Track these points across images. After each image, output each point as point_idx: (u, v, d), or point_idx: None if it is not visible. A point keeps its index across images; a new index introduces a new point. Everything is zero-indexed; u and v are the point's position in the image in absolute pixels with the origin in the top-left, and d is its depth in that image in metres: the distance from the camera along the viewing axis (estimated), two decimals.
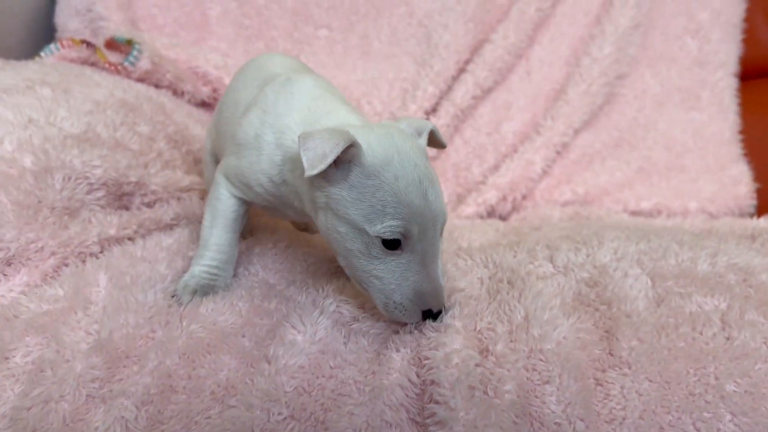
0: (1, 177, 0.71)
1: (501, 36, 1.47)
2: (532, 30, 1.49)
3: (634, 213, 1.41)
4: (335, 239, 0.64)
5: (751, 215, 1.39)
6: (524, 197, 1.46)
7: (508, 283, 0.74)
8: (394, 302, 0.62)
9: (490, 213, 1.44)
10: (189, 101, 1.31)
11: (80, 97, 0.93)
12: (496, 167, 1.47)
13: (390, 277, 0.62)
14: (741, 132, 1.47)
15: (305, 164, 0.58)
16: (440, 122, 1.45)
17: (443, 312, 0.65)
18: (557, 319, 0.66)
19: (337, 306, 0.68)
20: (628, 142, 1.48)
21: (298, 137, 0.60)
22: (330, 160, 0.57)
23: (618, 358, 0.62)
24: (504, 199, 1.43)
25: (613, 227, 0.97)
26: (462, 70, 1.48)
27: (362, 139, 0.61)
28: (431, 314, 0.64)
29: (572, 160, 1.47)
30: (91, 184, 0.81)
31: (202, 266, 0.73)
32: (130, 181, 0.87)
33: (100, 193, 0.83)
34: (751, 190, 1.40)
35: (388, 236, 0.60)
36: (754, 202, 1.40)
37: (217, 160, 0.93)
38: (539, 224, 1.27)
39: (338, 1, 1.54)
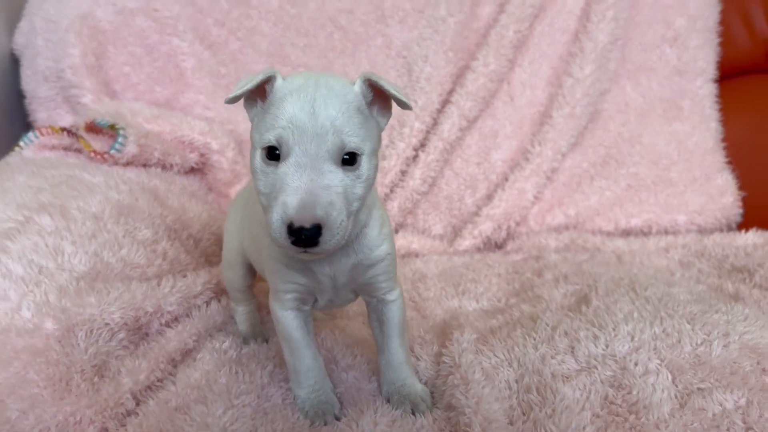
0: (28, 353, 0.70)
1: (482, 63, 1.46)
2: (512, 53, 1.48)
3: (626, 231, 1.45)
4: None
5: (737, 224, 1.44)
6: (518, 224, 1.48)
7: (537, 392, 0.76)
8: (269, 220, 0.61)
9: (486, 243, 1.46)
10: (178, 172, 1.28)
11: (80, 218, 0.92)
12: (488, 197, 1.48)
13: (269, 190, 0.62)
14: (723, 140, 1.50)
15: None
16: (430, 157, 1.45)
17: (321, 235, 0.59)
18: None
19: None
20: (614, 158, 1.50)
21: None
22: (248, 86, 0.63)
23: None
24: (499, 228, 1.45)
25: (621, 290, 0.99)
26: (446, 102, 1.48)
27: (288, 78, 0.66)
28: (299, 235, 0.59)
29: (562, 183, 1.49)
30: (111, 329, 0.81)
31: (304, 388, 0.76)
32: (148, 311, 0.87)
33: (121, 335, 0.82)
34: (736, 199, 1.45)
35: (265, 143, 0.62)
36: (741, 210, 1.44)
37: (244, 263, 0.94)
38: (537, 258, 1.30)
39: (313, 38, 1.50)
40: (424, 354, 0.89)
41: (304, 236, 0.59)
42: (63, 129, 1.17)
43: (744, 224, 1.42)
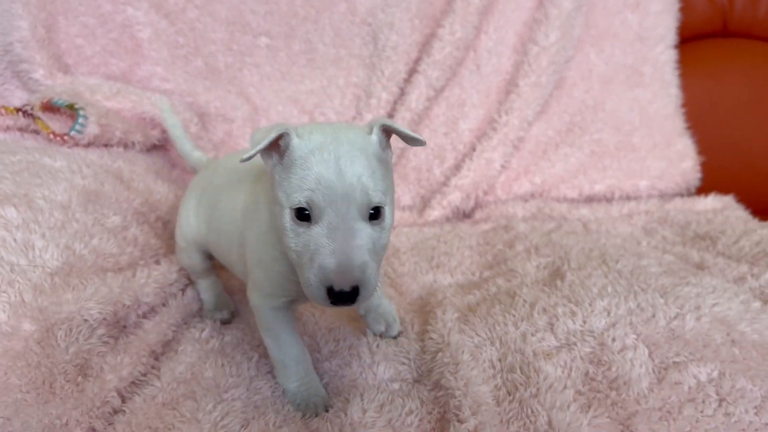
0: (7, 357, 0.68)
1: (448, 31, 1.44)
2: (477, 20, 1.46)
3: (589, 198, 1.48)
4: (274, 221, 0.68)
5: (697, 189, 1.48)
6: (485, 193, 1.49)
7: (521, 371, 0.78)
8: (306, 279, 0.62)
9: (455, 212, 1.47)
10: (140, 150, 1.24)
11: (47, 209, 0.88)
12: (456, 167, 1.49)
13: (303, 250, 0.63)
14: (683, 105, 1.53)
15: (250, 145, 0.64)
16: None
17: (359, 294, 0.60)
18: (578, 419, 0.71)
19: None
20: (578, 125, 1.52)
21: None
22: (261, 146, 0.62)
23: None
24: (467, 197, 1.46)
25: (594, 263, 1.02)
26: (413, 71, 1.46)
27: (301, 131, 0.65)
28: (339, 297, 0.60)
29: (528, 151, 1.50)
30: (90, 325, 0.78)
31: (293, 382, 0.77)
32: (125, 304, 0.84)
33: (101, 331, 0.80)
34: (696, 163, 1.49)
35: (295, 204, 0.62)
36: (700, 175, 1.49)
37: (201, 250, 0.94)
38: (506, 228, 1.31)
39: (275, 5, 1.45)
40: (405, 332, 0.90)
41: (344, 297, 0.60)
42: (18, 109, 1.11)
43: (703, 189, 1.47)
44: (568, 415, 0.71)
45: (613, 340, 0.81)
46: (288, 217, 0.63)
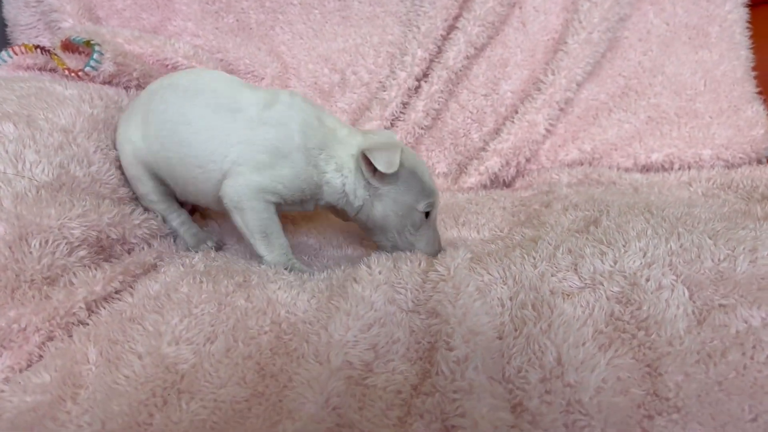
0: None
1: None
2: None
3: (645, 167, 1.34)
4: (391, 219, 0.88)
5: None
6: (528, 160, 1.38)
7: (533, 308, 0.68)
8: (413, 245, 0.89)
9: (493, 180, 1.37)
10: None
11: (47, 129, 0.84)
12: (496, 131, 1.38)
13: (423, 238, 0.89)
14: (754, 68, 1.37)
15: (383, 167, 0.81)
16: (434, 88, 1.35)
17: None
18: (593, 358, 0.60)
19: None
20: (634, 90, 1.38)
21: (365, 152, 0.83)
22: (398, 162, 0.82)
23: (665, 401, 0.56)
24: (507, 164, 1.35)
25: (635, 211, 0.89)
26: (452, 28, 1.37)
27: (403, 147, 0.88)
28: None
29: (577, 116, 1.38)
30: (70, 244, 0.73)
31: (279, 256, 0.86)
32: (110, 237, 0.79)
33: (82, 252, 0.75)
34: (767, 131, 1.32)
35: (428, 209, 0.88)
36: None
37: (152, 173, 0.91)
38: (548, 193, 1.20)
39: None
40: (406, 267, 0.80)
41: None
42: (37, 47, 1.09)
43: None
44: (581, 351, 0.60)
45: (647, 280, 0.69)
46: (418, 217, 0.88)
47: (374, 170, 0.85)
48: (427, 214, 0.88)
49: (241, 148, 0.83)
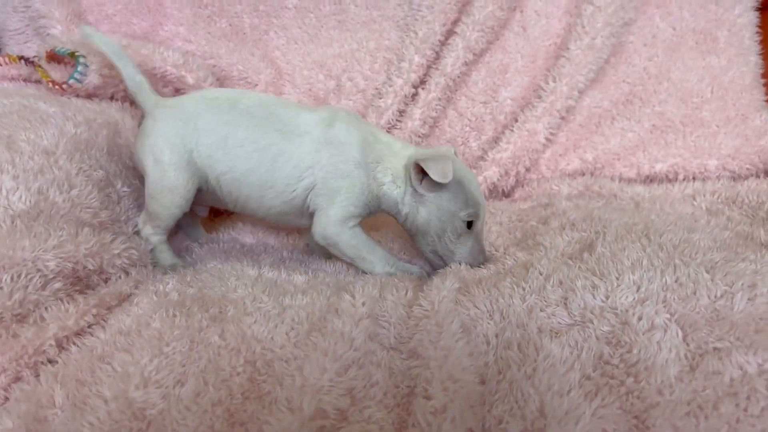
0: None
1: None
2: None
3: (649, 178, 1.30)
4: (433, 224, 0.91)
5: None
6: (528, 170, 1.34)
7: (518, 348, 0.65)
8: (463, 255, 0.91)
9: (492, 190, 1.33)
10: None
11: (27, 151, 0.82)
12: (495, 140, 1.35)
13: (464, 247, 0.91)
14: (763, 75, 1.33)
15: (437, 177, 0.84)
16: (431, 96, 1.32)
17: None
18: (578, 408, 0.57)
19: None
20: (639, 97, 1.34)
21: (417, 162, 0.87)
22: (452, 172, 0.86)
23: None
24: (506, 174, 1.32)
25: (632, 236, 0.86)
26: (450, 33, 1.33)
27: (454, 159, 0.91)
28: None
29: (579, 124, 1.34)
30: (45, 276, 0.71)
31: (386, 266, 0.93)
32: (88, 268, 0.77)
33: (57, 285, 0.73)
34: None
35: (470, 218, 0.90)
36: None
37: (196, 181, 0.92)
38: (546, 206, 1.16)
39: None
40: (391, 297, 0.77)
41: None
42: (20, 58, 1.07)
43: None
44: (566, 401, 0.57)
45: (639, 318, 0.66)
46: (461, 225, 0.90)
47: (422, 179, 0.90)
48: (470, 225, 0.91)
49: (313, 172, 0.90)
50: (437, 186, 0.89)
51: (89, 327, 0.72)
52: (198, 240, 1.10)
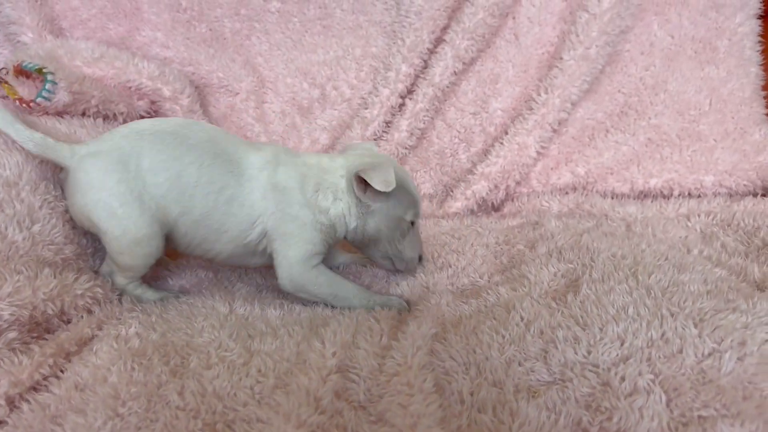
0: None
1: None
2: None
3: (643, 193, 1.26)
4: (383, 232, 0.91)
5: None
6: (518, 183, 1.30)
7: (493, 412, 0.61)
8: (411, 260, 0.94)
9: (481, 205, 1.29)
10: (124, 122, 1.13)
11: None
12: (485, 152, 1.30)
13: (409, 245, 0.93)
14: (764, 87, 1.28)
15: (382, 187, 0.83)
16: (418, 107, 1.27)
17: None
18: None
19: None
20: (634, 108, 1.29)
21: (358, 174, 0.86)
22: (394, 179, 0.85)
23: None
24: (496, 188, 1.28)
25: (620, 274, 0.82)
26: (439, 40, 1.28)
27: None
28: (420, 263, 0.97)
29: (571, 136, 1.30)
30: None
31: (360, 299, 0.90)
32: (47, 312, 0.73)
33: (11, 334, 0.69)
34: None
35: (415, 218, 0.92)
36: None
37: (163, 232, 0.85)
38: (535, 225, 1.12)
39: None
40: (365, 344, 0.74)
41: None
42: None
43: None
44: None
45: (622, 379, 0.63)
46: (407, 226, 0.92)
47: (365, 189, 0.88)
48: (412, 223, 0.92)
49: (264, 220, 0.87)
50: (382, 194, 0.87)
51: (45, 379, 0.68)
52: (167, 266, 1.04)
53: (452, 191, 1.30)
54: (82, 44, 1.17)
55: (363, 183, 0.87)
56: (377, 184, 0.83)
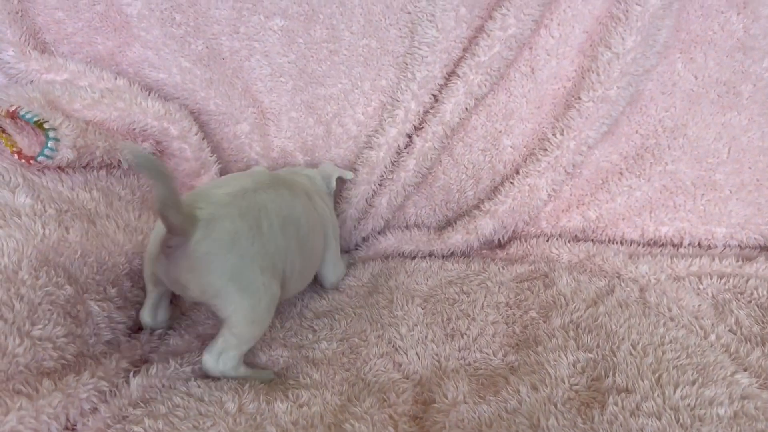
0: None
1: (499, 26, 1.16)
2: (538, 12, 1.18)
3: (652, 241, 1.24)
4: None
5: None
6: (526, 223, 1.26)
7: None
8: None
9: (483, 242, 1.26)
10: (129, 167, 1.04)
11: None
12: (493, 190, 1.25)
13: None
14: None
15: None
16: (427, 145, 1.20)
17: None
18: None
19: None
20: (651, 152, 1.24)
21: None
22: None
23: None
24: (503, 227, 1.24)
25: (645, 382, 0.80)
26: (452, 74, 1.20)
27: None
28: None
29: (585, 178, 1.25)
30: None
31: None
32: (51, 427, 0.68)
33: None
34: None
35: None
36: None
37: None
38: (545, 277, 1.10)
39: None
40: None
41: None
42: None
43: None
44: None
45: None
46: None
47: None
48: None
49: (324, 224, 1.04)
50: None
51: None
52: (161, 325, 0.95)
53: (453, 223, 1.25)
54: (72, 65, 1.07)
55: None
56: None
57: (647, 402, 0.77)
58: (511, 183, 1.23)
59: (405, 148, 1.22)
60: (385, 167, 1.20)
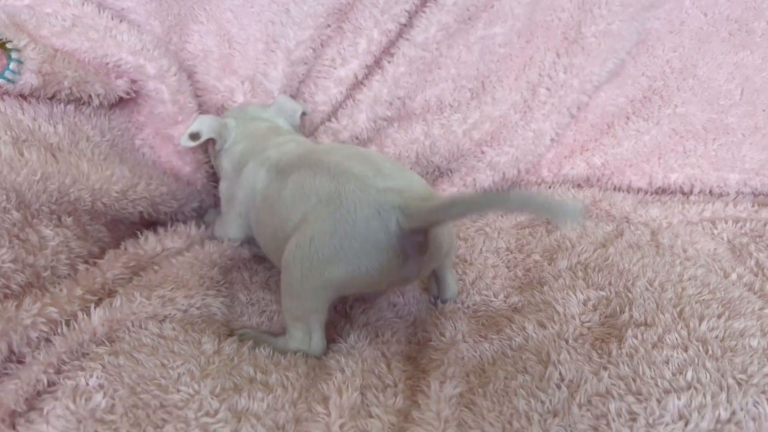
0: None
1: None
2: None
3: (661, 189, 1.16)
4: None
5: None
6: (527, 171, 1.18)
7: None
8: None
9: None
10: (100, 105, 0.94)
11: None
12: (492, 138, 1.16)
13: None
14: None
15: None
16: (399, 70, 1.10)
17: None
18: None
19: None
20: (659, 94, 1.17)
21: None
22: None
23: None
24: (503, 179, 1.15)
25: (666, 316, 0.72)
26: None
27: None
28: None
29: (590, 123, 1.17)
30: None
31: None
32: None
33: None
34: None
35: None
36: None
37: None
38: (548, 225, 1.02)
39: None
40: (377, 408, 0.62)
41: None
42: None
43: None
44: None
45: None
46: None
47: None
48: None
49: None
50: None
51: None
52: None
53: (450, 174, 1.17)
54: (46, 9, 0.97)
55: None
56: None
57: (670, 335, 0.69)
58: (515, 131, 1.14)
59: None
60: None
